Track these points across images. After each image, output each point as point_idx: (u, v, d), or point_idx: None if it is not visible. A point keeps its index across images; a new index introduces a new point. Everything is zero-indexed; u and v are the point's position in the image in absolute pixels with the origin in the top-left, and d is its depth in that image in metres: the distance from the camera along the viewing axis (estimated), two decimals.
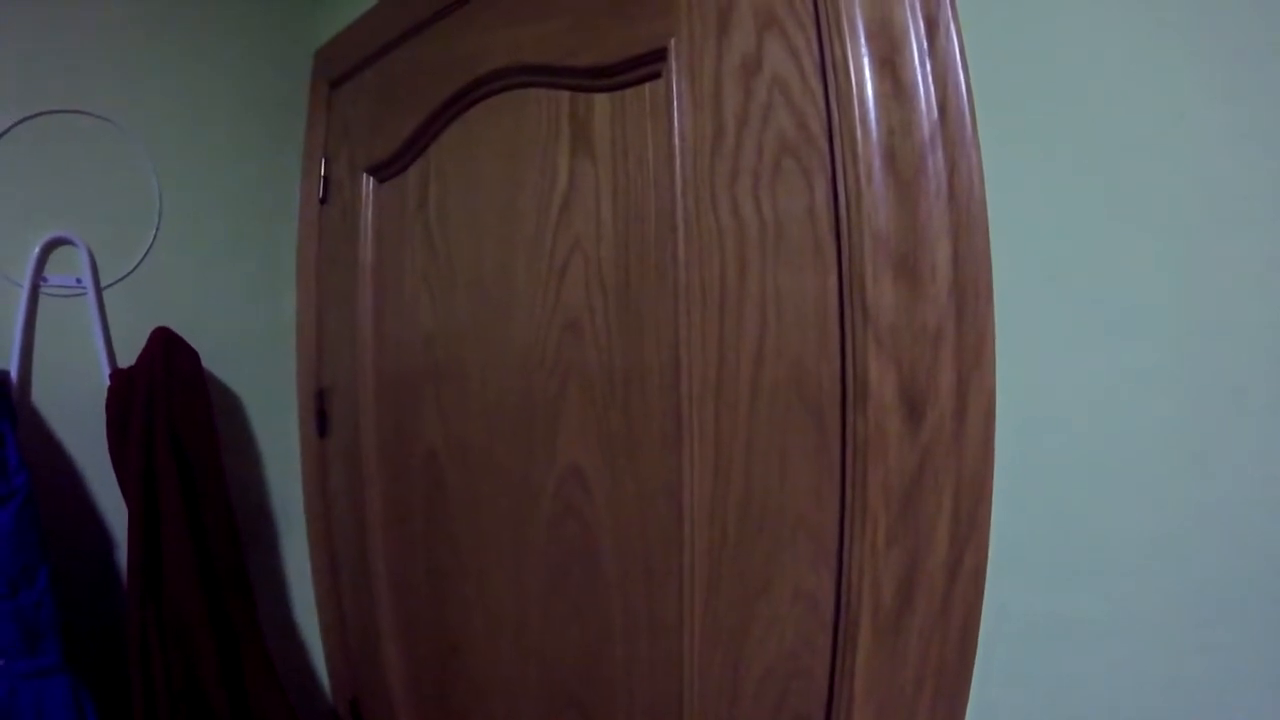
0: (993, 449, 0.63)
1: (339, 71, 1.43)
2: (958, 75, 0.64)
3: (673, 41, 0.83)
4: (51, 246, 1.25)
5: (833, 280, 0.69)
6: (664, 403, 0.86)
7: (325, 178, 1.45)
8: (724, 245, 0.78)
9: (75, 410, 1.25)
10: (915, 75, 0.65)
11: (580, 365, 0.97)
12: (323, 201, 1.46)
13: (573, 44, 0.95)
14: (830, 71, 0.68)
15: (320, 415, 1.47)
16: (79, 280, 1.27)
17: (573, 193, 0.97)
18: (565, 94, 0.98)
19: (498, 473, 1.10)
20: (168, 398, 1.23)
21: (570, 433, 0.99)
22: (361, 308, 1.35)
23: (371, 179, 1.35)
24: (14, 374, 1.19)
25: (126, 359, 1.28)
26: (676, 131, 0.83)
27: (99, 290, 1.29)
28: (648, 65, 0.87)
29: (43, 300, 1.24)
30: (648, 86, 0.87)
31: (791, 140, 0.72)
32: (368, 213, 1.35)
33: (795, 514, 0.72)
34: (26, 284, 1.22)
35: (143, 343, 1.26)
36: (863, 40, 0.67)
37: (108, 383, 1.25)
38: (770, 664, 0.75)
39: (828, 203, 0.69)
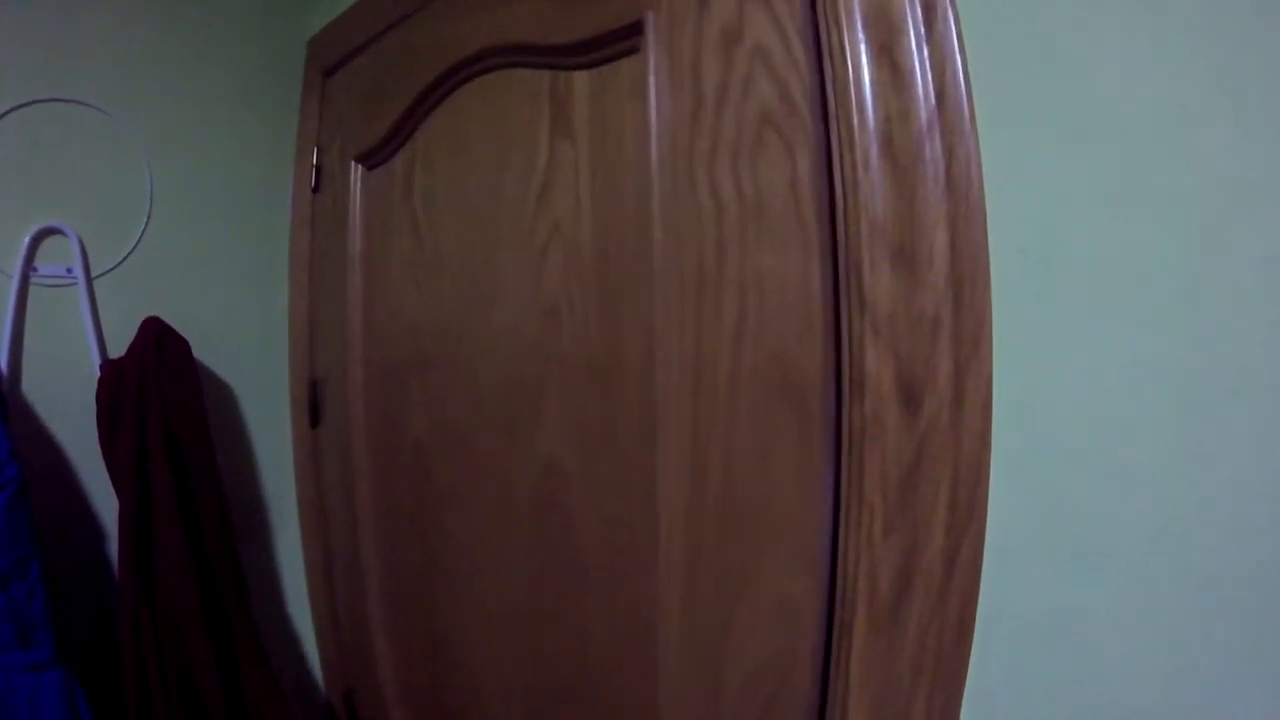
0: (990, 439, 0.63)
1: (332, 60, 1.42)
2: (956, 63, 0.64)
3: (650, 14, 0.81)
4: (42, 236, 1.24)
5: (816, 262, 0.68)
6: (641, 394, 0.84)
7: (317, 167, 1.44)
8: (702, 226, 0.76)
9: (66, 401, 1.24)
10: (913, 62, 0.64)
11: (559, 354, 0.95)
12: (315, 191, 1.45)
13: (553, 21, 0.93)
14: (827, 54, 0.67)
15: (313, 406, 1.46)
16: (69, 270, 1.26)
17: (552, 175, 0.96)
18: (547, 73, 0.96)
19: (482, 464, 1.09)
20: (159, 388, 1.23)
21: (550, 424, 0.97)
22: (351, 298, 1.34)
23: (360, 167, 1.34)
24: (4, 365, 1.18)
25: (117, 349, 1.28)
26: (653, 107, 0.81)
27: (89, 280, 1.28)
28: (626, 40, 0.85)
29: (33, 290, 1.23)
30: (626, 62, 0.86)
31: (773, 111, 0.71)
32: (356, 201, 1.34)
33: (777, 512, 0.71)
34: (16, 274, 1.21)
35: (133, 333, 1.26)
36: (860, 27, 0.66)
37: (98, 373, 1.24)
38: (752, 671, 0.74)
39: (811, 177, 0.68)
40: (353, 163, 1.34)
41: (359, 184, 1.34)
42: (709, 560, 0.77)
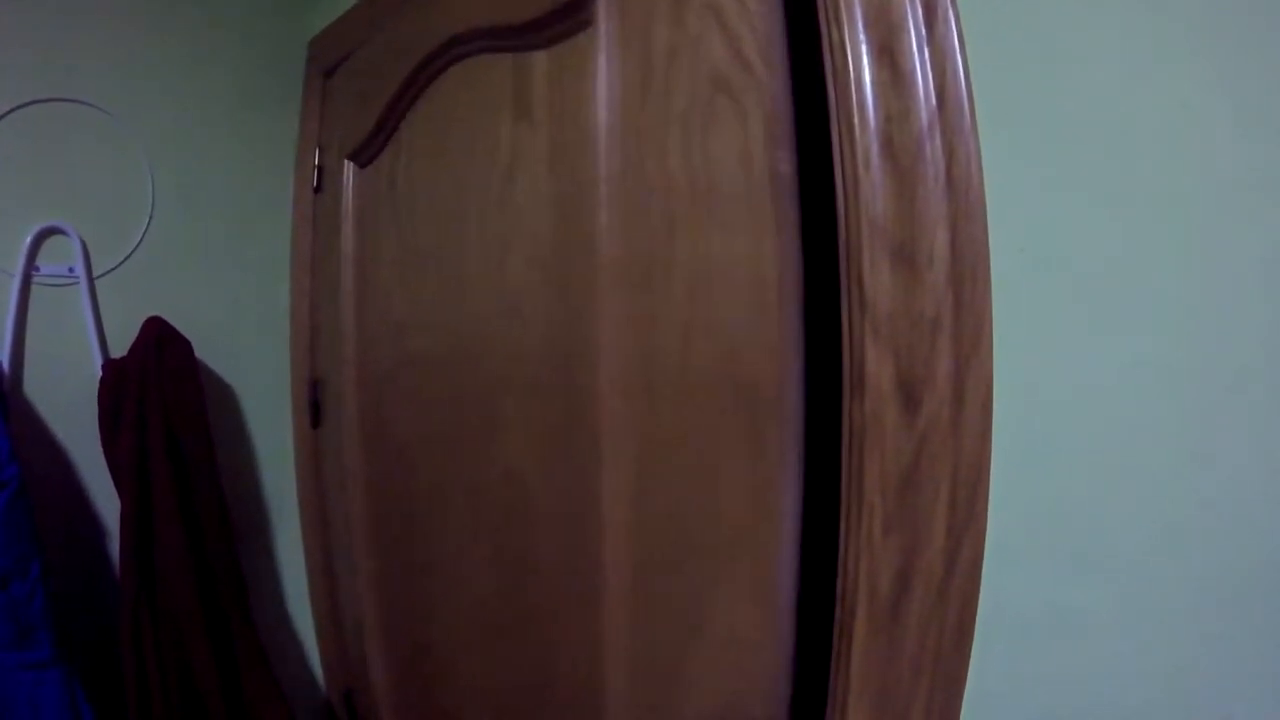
0: (990, 438, 0.63)
1: (332, 61, 1.42)
2: (956, 63, 0.64)
3: None
4: (44, 236, 1.24)
5: (771, 244, 0.65)
6: (590, 399, 0.80)
7: (319, 167, 1.44)
8: (650, 208, 0.73)
9: (67, 401, 1.24)
10: (913, 63, 0.64)
11: (519, 353, 0.92)
12: (317, 191, 1.45)
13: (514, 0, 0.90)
14: (827, 53, 0.67)
15: (314, 406, 1.46)
16: (71, 270, 1.26)
17: (515, 163, 0.92)
18: (510, 56, 0.93)
19: (457, 470, 1.08)
20: (160, 388, 1.23)
21: (511, 429, 0.94)
22: (344, 298, 1.33)
23: (352, 165, 1.33)
24: (5, 364, 1.18)
25: (119, 349, 1.28)
26: (602, 81, 0.77)
27: (91, 280, 1.28)
28: (580, 12, 0.82)
29: (35, 290, 1.24)
30: (582, 36, 0.82)
31: (725, 72, 0.68)
32: (348, 200, 1.33)
33: (731, 534, 0.68)
34: (18, 273, 1.21)
35: (135, 333, 1.26)
36: (861, 27, 0.66)
37: (100, 373, 1.24)
38: (708, 713, 0.71)
39: (765, 147, 0.66)
40: (345, 161, 1.34)
41: (351, 182, 1.33)
42: (657, 590, 0.73)
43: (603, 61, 0.77)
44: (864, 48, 0.66)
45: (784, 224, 0.66)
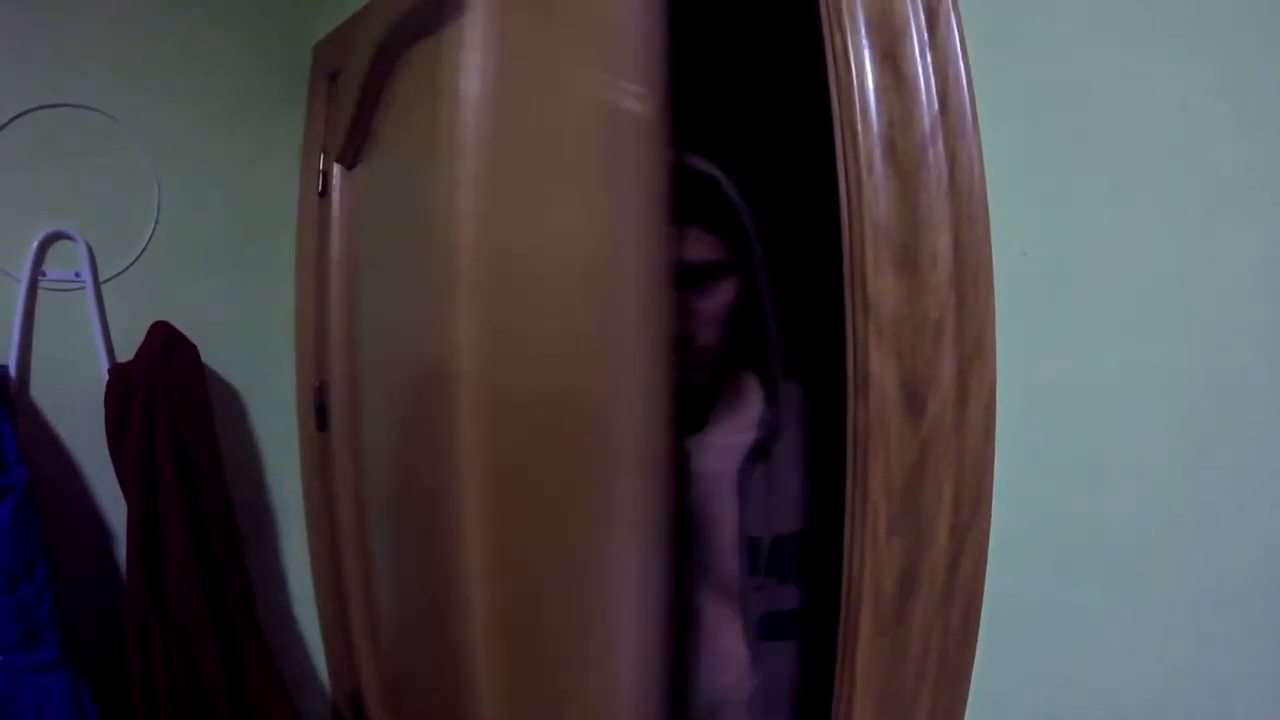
0: (993, 440, 0.63)
1: (337, 65, 1.42)
2: (958, 67, 0.64)
3: None
4: (50, 240, 1.25)
5: (607, 209, 0.58)
6: (445, 412, 0.69)
7: (324, 171, 1.44)
8: (503, 183, 0.65)
9: (74, 405, 1.25)
10: (916, 67, 0.65)
11: (435, 359, 0.85)
12: (322, 195, 1.45)
13: None
14: (830, 58, 0.67)
15: (319, 409, 1.47)
16: (78, 274, 1.27)
17: (431, 150, 0.87)
18: (430, 37, 0.89)
19: (413, 473, 1.05)
20: (166, 392, 1.23)
21: (426, 443, 0.89)
22: (333, 302, 1.33)
23: (340, 168, 1.32)
24: (12, 368, 1.19)
25: (125, 353, 1.28)
26: (478, 45, 0.67)
27: (97, 284, 1.29)
28: None
29: (41, 294, 1.24)
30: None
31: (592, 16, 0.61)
32: (337, 203, 1.33)
33: (581, 567, 0.63)
34: (25, 278, 1.22)
35: (141, 337, 1.26)
36: (863, 32, 0.66)
37: (106, 377, 1.24)
38: None
39: (603, 76, 0.59)
40: (335, 163, 1.33)
41: (340, 185, 1.33)
42: (525, 652, 0.66)
43: (478, 22, 0.68)
44: (866, 53, 0.66)
45: (628, 181, 0.57)
